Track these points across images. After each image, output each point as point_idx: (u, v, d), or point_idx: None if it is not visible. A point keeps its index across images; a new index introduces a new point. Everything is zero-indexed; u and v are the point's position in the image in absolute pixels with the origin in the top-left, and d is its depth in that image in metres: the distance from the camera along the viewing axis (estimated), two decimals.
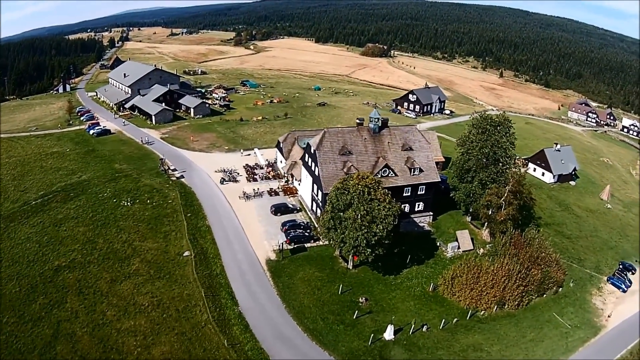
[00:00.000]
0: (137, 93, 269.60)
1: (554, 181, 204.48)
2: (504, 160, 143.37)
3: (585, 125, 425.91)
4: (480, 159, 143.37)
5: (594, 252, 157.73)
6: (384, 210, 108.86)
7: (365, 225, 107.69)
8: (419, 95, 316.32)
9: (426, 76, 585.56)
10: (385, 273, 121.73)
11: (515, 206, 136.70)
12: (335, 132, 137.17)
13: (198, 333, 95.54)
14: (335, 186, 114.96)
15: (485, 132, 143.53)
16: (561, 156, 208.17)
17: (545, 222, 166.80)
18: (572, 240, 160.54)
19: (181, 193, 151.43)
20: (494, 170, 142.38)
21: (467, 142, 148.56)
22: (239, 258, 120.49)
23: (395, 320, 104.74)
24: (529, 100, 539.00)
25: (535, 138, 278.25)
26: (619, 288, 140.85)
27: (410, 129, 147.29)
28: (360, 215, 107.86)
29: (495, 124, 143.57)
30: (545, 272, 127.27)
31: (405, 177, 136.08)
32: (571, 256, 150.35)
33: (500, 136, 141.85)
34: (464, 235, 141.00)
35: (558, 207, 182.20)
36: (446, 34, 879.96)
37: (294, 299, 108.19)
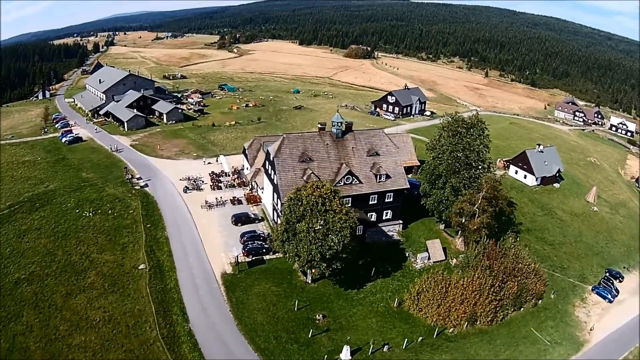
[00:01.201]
0: (111, 99, 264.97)
1: (537, 184, 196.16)
2: (477, 164, 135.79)
3: (572, 124, 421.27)
4: (451, 163, 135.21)
5: (578, 259, 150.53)
6: (340, 222, 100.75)
7: (319, 238, 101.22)
8: (397, 96, 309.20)
9: (409, 77, 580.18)
10: (347, 287, 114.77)
11: (490, 213, 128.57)
12: (295, 138, 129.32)
13: (146, 351, 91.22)
14: (289, 196, 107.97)
15: (456, 135, 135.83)
16: (544, 157, 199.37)
17: (527, 227, 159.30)
18: (554, 247, 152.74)
19: (143, 203, 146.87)
20: (466, 176, 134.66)
21: (437, 145, 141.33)
22: (194, 272, 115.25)
23: (354, 340, 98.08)
24: (514, 99, 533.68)
25: (519, 138, 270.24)
26: (604, 298, 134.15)
27: (377, 133, 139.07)
28: (313, 227, 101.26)
29: (468, 126, 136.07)
30: (523, 284, 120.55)
31: (370, 184, 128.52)
32: (553, 264, 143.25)
33: (473, 139, 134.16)
34: (435, 245, 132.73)
35: (540, 212, 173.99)
36: (431, 35, 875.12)
37: (247, 316, 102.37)
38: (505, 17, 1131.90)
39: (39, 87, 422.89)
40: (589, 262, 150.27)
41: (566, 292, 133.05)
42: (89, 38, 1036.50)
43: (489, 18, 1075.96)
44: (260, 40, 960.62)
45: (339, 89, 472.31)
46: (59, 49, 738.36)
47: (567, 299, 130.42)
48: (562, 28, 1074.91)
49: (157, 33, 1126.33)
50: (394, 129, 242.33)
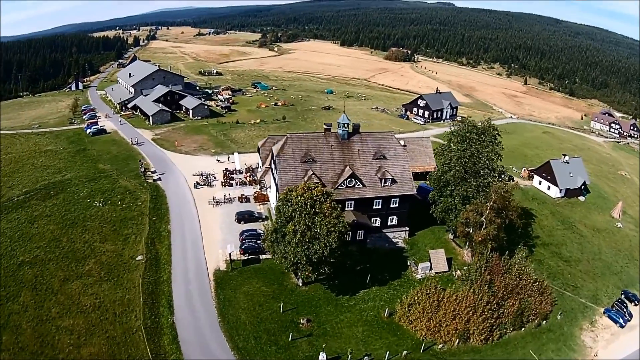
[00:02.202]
0: (140, 93, 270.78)
1: (561, 196, 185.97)
2: (486, 172, 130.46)
3: (608, 136, 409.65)
4: (458, 170, 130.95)
5: (593, 278, 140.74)
6: (328, 226, 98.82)
7: (305, 241, 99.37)
8: (428, 100, 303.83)
9: (447, 81, 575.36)
10: (339, 292, 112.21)
11: (498, 225, 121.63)
12: (299, 138, 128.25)
13: (127, 339, 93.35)
14: (280, 197, 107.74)
15: (465, 141, 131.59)
16: (570, 168, 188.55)
17: (543, 242, 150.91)
18: (570, 264, 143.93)
19: (152, 196, 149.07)
20: (474, 184, 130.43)
21: (446, 151, 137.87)
22: (188, 266, 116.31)
23: (336, 347, 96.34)
24: (551, 108, 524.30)
25: (550, 148, 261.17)
26: (616, 322, 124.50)
27: (385, 136, 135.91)
28: (300, 230, 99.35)
29: (479, 132, 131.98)
30: (526, 302, 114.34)
31: (374, 189, 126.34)
32: (566, 283, 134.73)
33: (484, 146, 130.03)
34: (439, 255, 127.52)
35: (560, 225, 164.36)
36: (473, 40, 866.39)
37: (231, 314, 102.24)
38: (548, 24, 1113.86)
39: (73, 79, 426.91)
40: (605, 282, 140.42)
41: (575, 313, 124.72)
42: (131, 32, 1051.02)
43: (531, 26, 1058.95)
44: (302, 39, 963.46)
45: (374, 91, 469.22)
46: (97, 41, 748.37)
47: (575, 321, 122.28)
48: (604, 38, 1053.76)
49: (200, 29, 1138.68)
50: (420, 133, 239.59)
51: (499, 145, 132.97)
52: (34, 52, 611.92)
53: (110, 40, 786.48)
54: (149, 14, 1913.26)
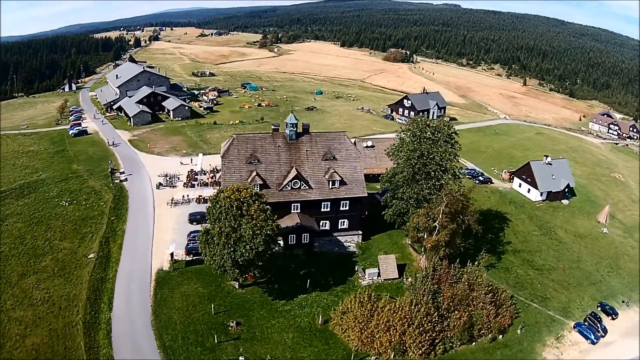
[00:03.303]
0: (125, 94, 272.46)
1: (542, 199, 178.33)
2: (438, 174, 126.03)
3: (606, 137, 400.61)
4: (408, 172, 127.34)
5: (567, 288, 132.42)
6: (253, 229, 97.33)
7: (230, 244, 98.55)
8: (413, 100, 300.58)
9: (445, 82, 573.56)
10: (277, 297, 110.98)
11: (451, 230, 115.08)
12: (245, 138, 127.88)
13: (67, 332, 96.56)
14: (210, 198, 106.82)
15: (416, 141, 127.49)
16: (552, 170, 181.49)
17: (514, 248, 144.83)
18: (541, 273, 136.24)
19: (115, 196, 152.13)
20: (425, 186, 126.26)
21: (397, 152, 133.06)
22: (134, 265, 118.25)
23: (261, 353, 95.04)
24: (549, 109, 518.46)
25: (542, 149, 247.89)
26: (587, 338, 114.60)
27: (337, 136, 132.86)
28: (225, 232, 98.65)
29: (431, 131, 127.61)
30: (477, 314, 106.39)
31: (322, 191, 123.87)
32: (534, 293, 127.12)
33: (438, 145, 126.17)
34: (389, 262, 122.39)
35: (537, 231, 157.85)
36: (474, 41, 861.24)
37: (164, 313, 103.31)
38: (553, 26, 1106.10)
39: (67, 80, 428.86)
40: (581, 293, 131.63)
41: (539, 327, 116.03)
42: (135, 32, 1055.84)
43: (536, 27, 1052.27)
44: (303, 40, 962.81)
45: (367, 91, 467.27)
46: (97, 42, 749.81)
47: (538, 336, 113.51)
48: (609, 40, 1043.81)
49: (203, 30, 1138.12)
50: None
51: (454, 145, 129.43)
52: (33, 53, 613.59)
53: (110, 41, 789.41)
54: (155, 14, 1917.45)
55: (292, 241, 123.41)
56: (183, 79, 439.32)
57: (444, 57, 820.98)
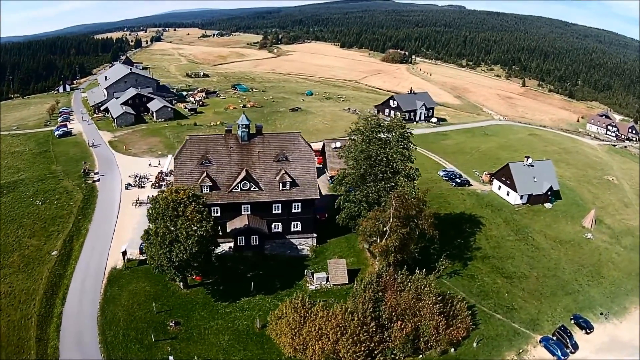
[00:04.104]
0: (112, 96, 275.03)
1: (522, 202, 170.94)
2: (387, 175, 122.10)
3: (604, 139, 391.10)
4: (356, 174, 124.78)
5: (538, 298, 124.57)
6: (187, 230, 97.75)
7: (166, 244, 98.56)
8: (399, 101, 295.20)
9: (441, 83, 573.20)
10: (220, 298, 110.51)
11: (401, 235, 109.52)
12: (198, 140, 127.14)
13: (22, 323, 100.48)
14: (151, 199, 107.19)
15: (366, 141, 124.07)
16: (534, 172, 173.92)
17: (484, 254, 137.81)
18: (511, 281, 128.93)
19: (85, 196, 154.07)
20: (374, 189, 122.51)
21: (347, 153, 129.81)
22: (91, 263, 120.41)
23: (194, 353, 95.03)
24: (547, 110, 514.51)
25: (532, 151, 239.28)
26: (553, 354, 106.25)
27: (291, 137, 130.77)
28: (161, 232, 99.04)
29: (382, 131, 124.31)
30: (425, 326, 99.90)
31: (272, 192, 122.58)
32: (499, 303, 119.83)
33: (390, 146, 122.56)
34: (338, 266, 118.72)
35: (513, 236, 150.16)
36: (475, 42, 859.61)
37: (111, 310, 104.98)
38: (556, 27, 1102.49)
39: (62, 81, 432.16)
40: (554, 303, 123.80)
41: (500, 340, 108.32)
42: (138, 33, 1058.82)
43: (539, 28, 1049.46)
44: (303, 41, 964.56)
45: (360, 92, 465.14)
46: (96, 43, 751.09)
47: (497, 351, 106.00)
48: (612, 41, 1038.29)
49: (205, 31, 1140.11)
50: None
51: (408, 145, 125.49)
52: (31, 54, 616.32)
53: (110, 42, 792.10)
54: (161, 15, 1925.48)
55: (242, 243, 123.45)
56: (177, 79, 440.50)
57: (443, 58, 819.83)
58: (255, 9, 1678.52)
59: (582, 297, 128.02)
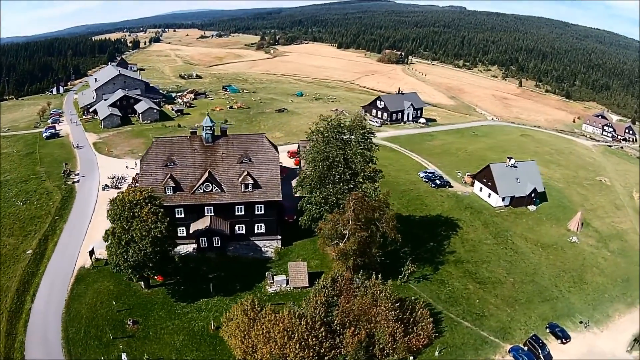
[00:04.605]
0: (101, 97, 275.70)
1: (504, 204, 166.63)
2: (345, 177, 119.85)
3: (600, 139, 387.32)
4: (314, 175, 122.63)
5: (512, 305, 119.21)
6: (141, 231, 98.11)
7: (122, 245, 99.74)
8: (386, 101, 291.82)
9: (436, 83, 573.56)
10: (179, 299, 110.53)
11: (360, 238, 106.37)
12: (164, 142, 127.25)
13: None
14: (110, 200, 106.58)
15: (324, 142, 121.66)
16: (517, 173, 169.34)
17: (458, 258, 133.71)
18: (484, 286, 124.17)
19: (64, 197, 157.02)
20: (332, 191, 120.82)
21: (307, 154, 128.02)
22: (62, 262, 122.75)
23: (149, 352, 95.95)
24: (542, 111, 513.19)
25: (522, 152, 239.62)
26: None
27: (255, 138, 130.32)
28: (117, 232, 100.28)
29: (341, 132, 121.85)
30: (381, 333, 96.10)
31: (234, 194, 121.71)
32: (468, 310, 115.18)
33: (348, 147, 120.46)
34: (299, 269, 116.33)
35: (491, 239, 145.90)
36: (473, 42, 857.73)
37: (75, 307, 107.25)
38: (556, 28, 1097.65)
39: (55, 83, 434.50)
40: (529, 311, 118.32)
41: (465, 349, 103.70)
42: (138, 34, 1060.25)
43: (538, 28, 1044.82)
44: (301, 42, 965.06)
45: (352, 93, 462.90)
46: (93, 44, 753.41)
47: None
48: (613, 41, 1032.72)
49: (205, 32, 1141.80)
50: None
51: (370, 145, 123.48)
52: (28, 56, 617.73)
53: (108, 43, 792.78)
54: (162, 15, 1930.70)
55: (204, 244, 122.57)
56: (170, 81, 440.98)
57: (440, 59, 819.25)
58: (256, 10, 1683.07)
59: (561, 304, 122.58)
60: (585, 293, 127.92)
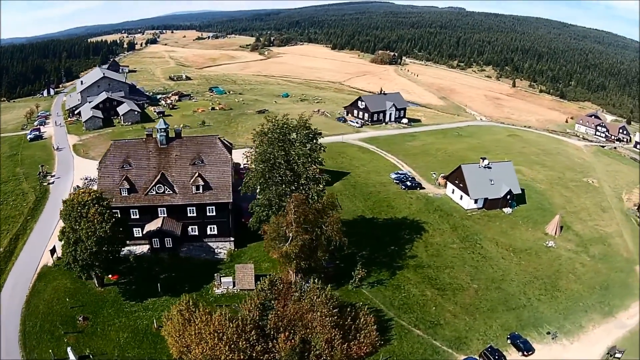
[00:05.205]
0: (85, 100, 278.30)
1: (476, 207, 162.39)
2: (287, 179, 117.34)
3: (593, 139, 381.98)
4: (256, 177, 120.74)
5: (472, 314, 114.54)
6: (87, 231, 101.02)
7: (70, 244, 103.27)
8: (367, 102, 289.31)
9: (427, 84, 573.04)
10: (129, 297, 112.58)
11: (303, 241, 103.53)
12: (121, 145, 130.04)
13: None
14: (63, 200, 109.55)
15: (266, 144, 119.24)
16: (491, 175, 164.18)
17: (418, 263, 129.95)
18: (444, 293, 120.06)
19: (37, 197, 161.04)
20: (274, 192, 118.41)
21: (251, 156, 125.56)
22: (28, 260, 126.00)
23: (93, 347, 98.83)
24: (535, 111, 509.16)
25: (506, 152, 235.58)
26: None
27: (208, 141, 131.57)
28: (66, 232, 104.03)
29: (283, 132, 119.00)
30: (317, 339, 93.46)
31: (186, 195, 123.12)
32: (422, 318, 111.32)
33: (293, 148, 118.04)
34: (246, 271, 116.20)
35: (458, 243, 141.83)
36: (469, 43, 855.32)
37: (34, 303, 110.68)
38: (554, 28, 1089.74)
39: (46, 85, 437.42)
40: (491, 320, 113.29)
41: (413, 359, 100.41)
42: (136, 35, 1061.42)
43: (536, 29, 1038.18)
44: (296, 43, 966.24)
45: (340, 94, 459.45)
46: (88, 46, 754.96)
47: None
48: (612, 42, 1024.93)
49: (202, 33, 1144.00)
50: (339, 137, 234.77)
51: (314, 147, 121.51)
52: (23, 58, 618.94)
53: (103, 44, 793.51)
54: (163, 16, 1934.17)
55: (157, 245, 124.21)
56: (159, 83, 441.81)
57: (434, 59, 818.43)
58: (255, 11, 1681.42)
59: (528, 314, 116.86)
60: (557, 301, 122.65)
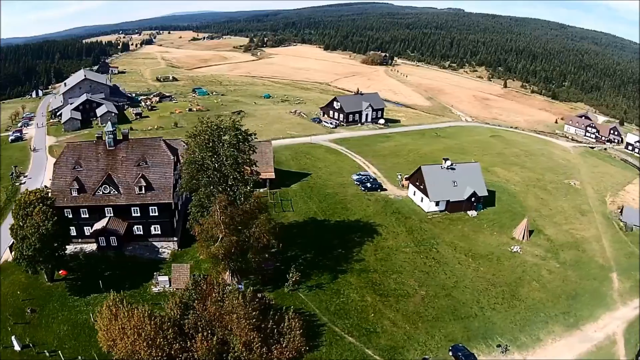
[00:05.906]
0: (67, 101, 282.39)
1: (438, 209, 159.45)
2: (215, 180, 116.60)
3: (583, 140, 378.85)
4: (185, 180, 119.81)
5: (414, 322, 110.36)
6: (31, 228, 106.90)
7: (18, 240, 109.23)
8: (342, 102, 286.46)
9: (416, 84, 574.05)
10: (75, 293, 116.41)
11: (231, 243, 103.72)
12: (74, 147, 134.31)
13: None
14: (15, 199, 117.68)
15: (195, 145, 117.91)
16: (454, 176, 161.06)
17: (364, 267, 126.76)
18: (386, 299, 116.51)
19: (8, 197, 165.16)
20: (202, 194, 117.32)
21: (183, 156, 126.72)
22: None
23: (36, 337, 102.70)
24: (524, 112, 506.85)
25: (485, 153, 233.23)
26: None
27: (153, 143, 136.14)
28: (15, 229, 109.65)
29: (214, 134, 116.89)
30: (235, 342, 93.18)
31: (129, 196, 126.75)
32: (358, 324, 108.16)
33: (223, 150, 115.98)
34: (182, 270, 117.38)
35: (412, 247, 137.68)
36: (463, 44, 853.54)
37: None
38: (552, 29, 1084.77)
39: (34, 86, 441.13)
40: (433, 329, 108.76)
41: None
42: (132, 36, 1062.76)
43: (533, 30, 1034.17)
44: (289, 44, 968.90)
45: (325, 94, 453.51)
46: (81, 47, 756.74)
47: None
48: (610, 43, 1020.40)
49: (198, 33, 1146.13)
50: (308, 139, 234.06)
51: (244, 147, 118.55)
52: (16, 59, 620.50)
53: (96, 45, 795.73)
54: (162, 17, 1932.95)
55: (103, 243, 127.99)
56: (146, 84, 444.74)
57: (427, 60, 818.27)
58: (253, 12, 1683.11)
59: (478, 324, 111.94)
60: (514, 311, 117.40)
